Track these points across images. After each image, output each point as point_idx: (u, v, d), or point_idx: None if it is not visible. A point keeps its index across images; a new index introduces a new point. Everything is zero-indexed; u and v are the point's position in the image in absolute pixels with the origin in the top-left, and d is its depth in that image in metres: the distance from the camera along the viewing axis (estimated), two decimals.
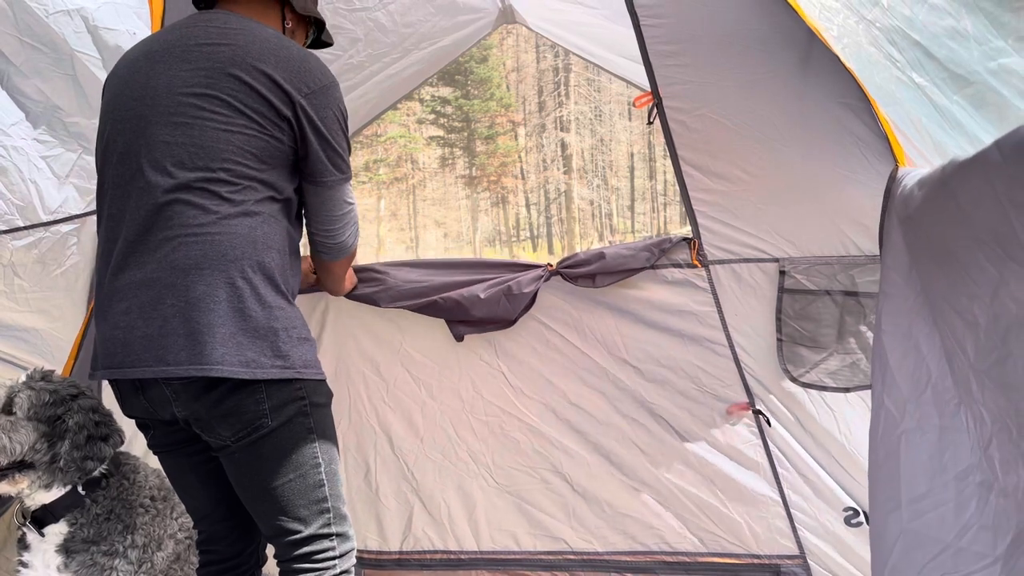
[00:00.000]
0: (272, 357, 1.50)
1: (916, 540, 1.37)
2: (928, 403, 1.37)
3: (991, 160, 1.04)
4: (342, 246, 1.81)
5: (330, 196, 1.69)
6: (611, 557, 2.59)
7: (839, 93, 1.99)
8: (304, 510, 1.58)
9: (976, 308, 1.16)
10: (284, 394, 1.53)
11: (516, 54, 28.35)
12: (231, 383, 1.48)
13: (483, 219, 30.41)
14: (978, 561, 1.23)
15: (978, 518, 1.24)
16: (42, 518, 1.83)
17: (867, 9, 1.46)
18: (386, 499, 2.75)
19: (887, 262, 1.51)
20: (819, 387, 2.27)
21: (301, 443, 1.57)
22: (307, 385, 1.58)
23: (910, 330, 1.42)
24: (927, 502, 1.35)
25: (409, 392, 2.70)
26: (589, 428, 2.58)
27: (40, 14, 1.94)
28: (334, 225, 1.75)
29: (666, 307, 2.43)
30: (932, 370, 1.36)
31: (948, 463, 1.31)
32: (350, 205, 1.76)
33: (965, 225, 1.16)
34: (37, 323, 2.27)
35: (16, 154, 2.03)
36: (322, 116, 1.60)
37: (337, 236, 1.78)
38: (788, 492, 2.40)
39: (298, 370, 1.54)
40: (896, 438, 1.44)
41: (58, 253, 2.22)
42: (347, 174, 1.71)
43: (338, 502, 1.63)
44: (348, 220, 1.77)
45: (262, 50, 1.56)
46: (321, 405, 1.62)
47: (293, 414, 1.55)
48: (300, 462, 1.56)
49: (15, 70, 1.98)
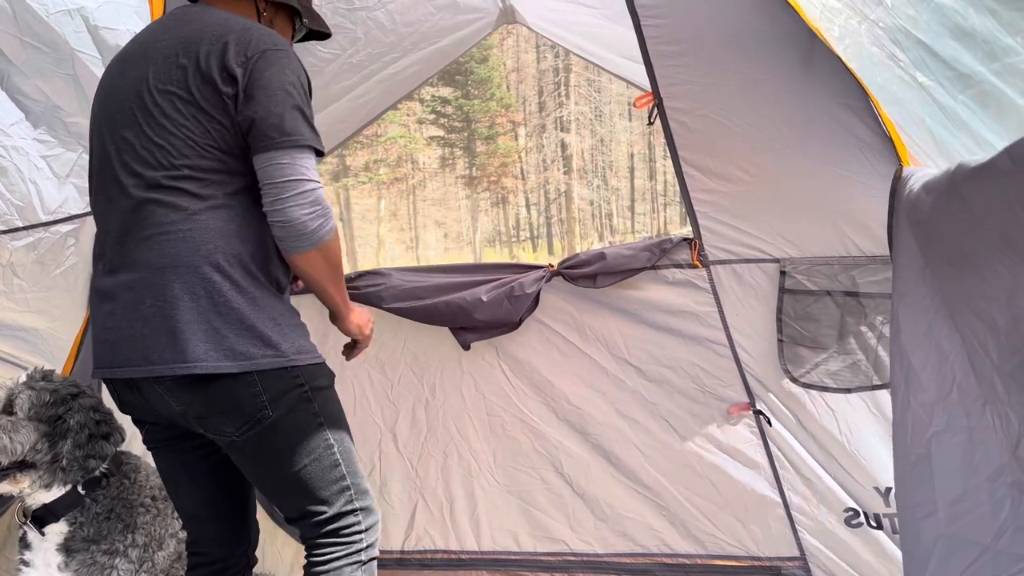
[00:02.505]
0: (262, 347, 1.49)
1: (955, 544, 1.35)
2: (955, 404, 1.35)
3: (1002, 167, 1.04)
4: (296, 227, 1.48)
5: (273, 160, 1.47)
6: (611, 559, 2.59)
7: (840, 93, 1.99)
8: (325, 491, 1.58)
9: (994, 310, 1.16)
10: (282, 383, 1.52)
11: (516, 54, 28.34)
12: (224, 377, 1.47)
13: (483, 219, 30.40)
14: (1016, 563, 1.21)
15: (1013, 519, 1.23)
16: (43, 517, 1.83)
17: (870, 9, 1.46)
18: (390, 497, 2.76)
19: (900, 262, 1.50)
20: (820, 388, 2.27)
21: (309, 429, 1.56)
22: (304, 371, 1.56)
23: (930, 329, 1.40)
24: (963, 505, 1.33)
25: (413, 391, 2.71)
26: (590, 429, 2.58)
27: (41, 14, 1.93)
28: (279, 195, 1.47)
29: (667, 307, 2.43)
30: (956, 370, 1.34)
31: (980, 464, 1.29)
32: (302, 179, 1.48)
33: (978, 231, 1.16)
34: (37, 323, 2.27)
35: (16, 154, 2.03)
36: (263, 78, 1.47)
37: (287, 212, 1.47)
38: (788, 493, 2.40)
39: (291, 358, 1.53)
40: (927, 441, 1.42)
41: (57, 253, 2.22)
42: (296, 139, 1.48)
43: (356, 477, 1.63)
44: (298, 191, 1.47)
45: (204, 34, 1.52)
46: (323, 388, 1.61)
47: (295, 402, 1.54)
48: (312, 447, 1.56)
49: (15, 70, 1.98)
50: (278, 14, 1.77)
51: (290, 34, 1.83)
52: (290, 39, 1.83)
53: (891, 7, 1.38)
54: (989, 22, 1.17)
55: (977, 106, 1.26)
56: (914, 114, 1.56)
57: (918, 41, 1.32)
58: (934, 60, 1.30)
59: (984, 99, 1.25)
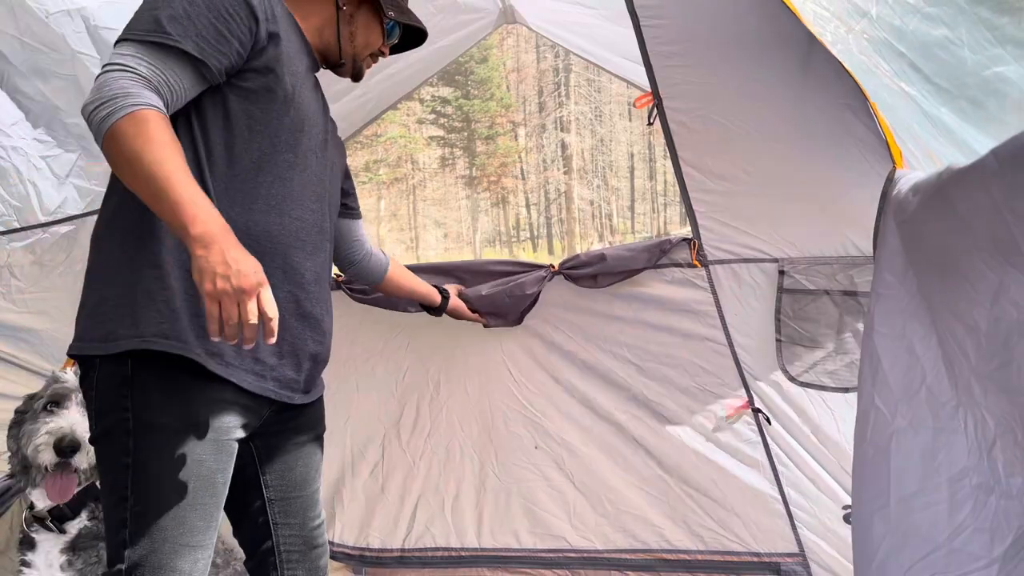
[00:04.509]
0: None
1: (904, 539, 1.37)
2: (921, 404, 1.36)
3: (988, 168, 1.04)
4: (87, 117, 1.21)
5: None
6: (612, 555, 2.59)
7: (839, 94, 1.98)
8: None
9: (976, 313, 1.16)
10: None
11: (516, 54, 28.36)
12: None
13: (483, 219, 30.42)
14: (973, 562, 1.23)
15: (973, 520, 1.24)
16: (60, 515, 1.83)
17: (855, 20, 1.46)
18: (391, 494, 2.76)
19: (882, 263, 1.51)
20: (818, 387, 2.28)
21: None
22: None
23: (904, 331, 1.42)
24: (917, 502, 1.35)
25: (416, 387, 2.72)
26: (591, 426, 2.59)
27: (40, 14, 1.93)
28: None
29: (667, 307, 2.43)
30: (927, 372, 1.35)
31: (942, 464, 1.31)
32: (105, 65, 1.24)
33: (964, 232, 1.16)
34: (35, 324, 2.27)
35: (15, 154, 2.03)
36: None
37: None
38: (788, 490, 2.41)
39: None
40: (887, 437, 1.43)
41: (56, 254, 2.22)
42: (122, 34, 1.28)
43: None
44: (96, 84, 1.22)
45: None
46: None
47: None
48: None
49: (15, 70, 1.98)
50: (360, 8, 1.63)
51: (379, 32, 1.67)
52: (381, 38, 1.68)
53: (875, 18, 1.38)
54: (978, 31, 1.17)
55: (959, 118, 1.27)
56: (903, 120, 1.57)
57: (899, 53, 1.32)
58: (915, 73, 1.30)
59: (966, 111, 1.25)
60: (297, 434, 1.60)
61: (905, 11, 1.31)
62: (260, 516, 1.58)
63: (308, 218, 1.48)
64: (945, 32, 1.22)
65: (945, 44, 1.22)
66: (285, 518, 1.60)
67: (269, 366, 1.42)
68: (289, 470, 1.59)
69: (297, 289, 1.45)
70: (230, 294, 1.12)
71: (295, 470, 1.60)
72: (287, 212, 1.43)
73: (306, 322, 1.48)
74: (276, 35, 1.41)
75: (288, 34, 1.46)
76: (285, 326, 1.39)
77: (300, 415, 1.59)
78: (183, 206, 1.14)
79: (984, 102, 1.23)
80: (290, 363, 1.46)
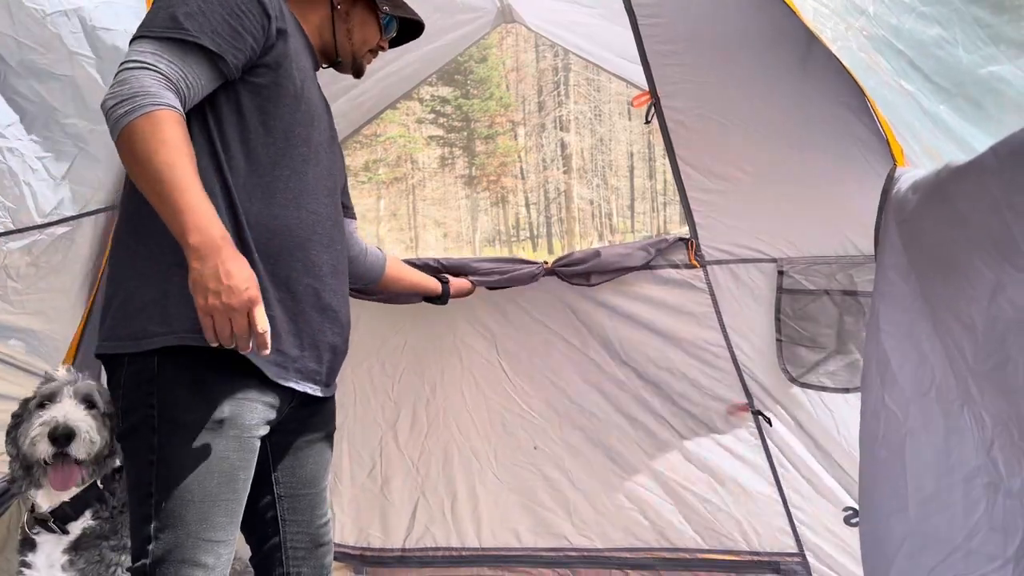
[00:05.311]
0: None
1: (924, 542, 1.36)
2: (932, 404, 1.35)
3: (987, 165, 1.04)
4: (106, 113, 1.25)
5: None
6: (612, 554, 2.59)
7: (838, 93, 1.98)
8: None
9: (973, 311, 1.15)
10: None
11: (515, 54, 28.35)
12: None
13: (483, 219, 30.43)
14: (989, 563, 1.22)
15: (987, 520, 1.23)
16: (64, 515, 1.82)
17: (854, 18, 1.46)
18: (390, 495, 2.76)
19: (884, 261, 1.50)
20: (818, 388, 2.27)
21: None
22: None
23: (911, 330, 1.41)
24: (935, 503, 1.34)
25: (414, 389, 2.72)
26: (590, 425, 2.59)
27: (37, 15, 1.92)
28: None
29: (664, 308, 2.43)
30: (936, 371, 1.34)
31: (955, 464, 1.30)
32: (124, 61, 1.27)
33: (962, 229, 1.16)
34: (33, 324, 2.26)
35: (11, 156, 2.01)
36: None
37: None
38: (788, 491, 2.40)
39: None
40: (900, 438, 1.42)
41: (52, 255, 2.21)
42: (138, 32, 1.32)
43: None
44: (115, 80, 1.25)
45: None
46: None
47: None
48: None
49: (11, 71, 1.97)
50: (355, 5, 1.66)
51: (376, 27, 1.70)
52: (378, 33, 1.71)
53: (873, 16, 1.38)
54: (973, 31, 1.16)
55: (958, 116, 1.27)
56: (904, 118, 1.56)
57: (899, 51, 1.32)
58: (915, 71, 1.30)
59: (964, 109, 1.25)
60: (310, 431, 1.62)
61: (901, 10, 1.30)
62: (268, 512, 1.60)
63: (322, 211, 1.50)
64: (940, 31, 1.22)
65: (940, 43, 1.22)
66: (293, 515, 1.61)
67: (291, 358, 1.44)
68: (300, 467, 1.61)
69: (316, 282, 1.47)
70: (220, 310, 1.16)
71: (306, 467, 1.62)
72: (304, 206, 1.46)
73: (325, 314, 1.50)
74: (285, 32, 1.44)
75: (294, 32, 1.50)
76: (306, 319, 1.45)
77: (316, 412, 1.61)
78: (183, 214, 1.18)
79: (981, 101, 1.23)
80: (311, 355, 1.49)
